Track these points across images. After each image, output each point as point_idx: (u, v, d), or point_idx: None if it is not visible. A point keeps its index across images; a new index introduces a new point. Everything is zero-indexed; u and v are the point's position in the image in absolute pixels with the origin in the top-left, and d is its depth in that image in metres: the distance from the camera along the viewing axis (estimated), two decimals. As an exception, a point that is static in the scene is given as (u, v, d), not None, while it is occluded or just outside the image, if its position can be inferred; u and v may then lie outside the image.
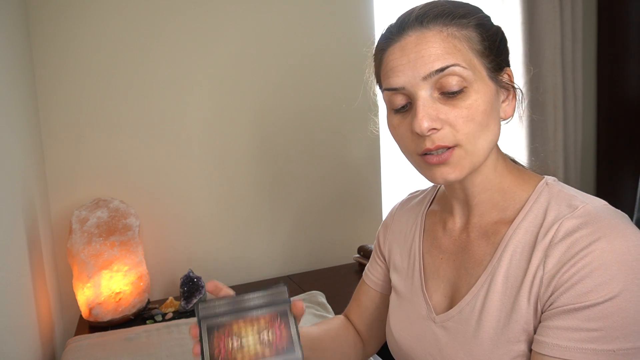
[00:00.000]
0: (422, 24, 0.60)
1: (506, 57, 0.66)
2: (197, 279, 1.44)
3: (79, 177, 1.50)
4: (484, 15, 0.64)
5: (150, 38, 1.54)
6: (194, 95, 1.62)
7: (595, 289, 0.52)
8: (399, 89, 0.62)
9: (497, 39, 0.63)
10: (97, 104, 1.50)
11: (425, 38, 0.60)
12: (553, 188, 0.64)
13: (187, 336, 1.22)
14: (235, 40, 1.66)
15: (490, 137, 0.62)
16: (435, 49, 0.59)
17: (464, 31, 0.60)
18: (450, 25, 0.60)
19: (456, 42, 0.59)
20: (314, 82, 1.79)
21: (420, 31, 0.60)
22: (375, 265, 0.87)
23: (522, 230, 0.62)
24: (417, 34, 0.60)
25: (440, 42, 0.59)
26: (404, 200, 0.87)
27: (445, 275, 0.71)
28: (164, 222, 1.61)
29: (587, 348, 0.52)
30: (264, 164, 1.75)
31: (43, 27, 1.42)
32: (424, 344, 0.69)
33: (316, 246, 1.86)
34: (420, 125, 0.59)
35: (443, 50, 0.59)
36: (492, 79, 0.62)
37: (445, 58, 0.58)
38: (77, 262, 1.32)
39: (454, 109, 0.59)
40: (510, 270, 0.61)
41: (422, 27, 0.60)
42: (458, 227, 0.72)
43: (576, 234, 0.56)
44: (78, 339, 1.24)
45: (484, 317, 0.61)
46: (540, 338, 0.56)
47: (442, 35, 0.59)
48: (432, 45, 0.59)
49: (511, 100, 0.66)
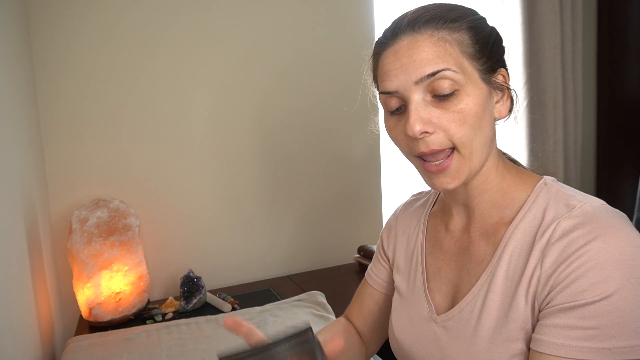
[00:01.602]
0: (414, 28, 0.61)
1: (500, 58, 0.66)
2: (197, 279, 1.44)
3: (79, 177, 1.50)
4: (477, 18, 0.64)
5: (150, 38, 1.55)
6: (194, 94, 1.63)
7: (590, 287, 0.53)
8: (392, 93, 0.63)
9: (490, 41, 0.64)
10: (97, 104, 1.50)
11: (417, 42, 0.61)
12: (551, 188, 0.64)
13: (187, 336, 1.23)
14: (235, 40, 1.66)
15: (484, 139, 0.62)
16: (426, 53, 0.60)
17: (455, 35, 0.61)
18: (442, 29, 0.61)
19: (447, 46, 0.60)
20: (315, 83, 1.79)
21: (412, 36, 0.61)
22: (378, 266, 0.88)
23: (521, 230, 0.62)
24: (410, 39, 0.61)
25: (431, 46, 0.60)
26: (408, 202, 0.88)
27: (447, 276, 0.71)
28: (164, 222, 1.61)
29: (583, 346, 0.53)
30: (263, 165, 1.75)
31: (43, 27, 1.43)
32: (425, 344, 0.70)
33: (316, 246, 1.86)
34: (413, 129, 0.60)
35: (434, 55, 0.60)
36: (484, 80, 0.62)
37: (437, 62, 0.59)
38: (77, 262, 1.32)
39: (446, 112, 0.60)
40: (510, 270, 0.62)
41: (414, 31, 0.61)
42: (459, 228, 0.72)
43: (573, 234, 0.56)
44: (78, 339, 1.24)
45: (483, 316, 0.62)
46: (538, 336, 0.56)
47: (433, 40, 0.60)
48: (424, 49, 0.60)
49: (505, 100, 0.66)
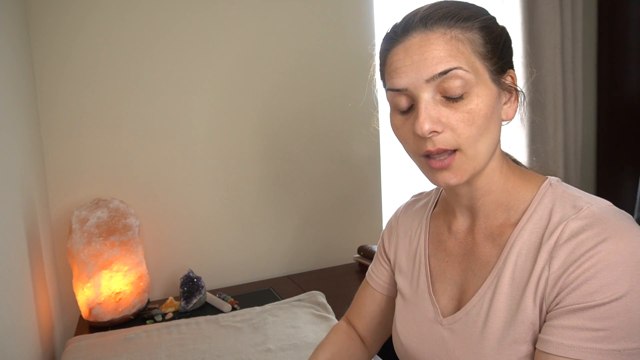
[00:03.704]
0: (427, 25, 0.60)
1: (509, 59, 0.66)
2: (197, 279, 1.44)
3: (79, 177, 1.50)
4: (489, 17, 0.63)
5: (150, 38, 1.54)
6: (195, 95, 1.62)
7: (601, 289, 0.53)
8: (402, 90, 0.62)
9: (501, 41, 0.63)
10: (97, 104, 1.50)
11: (429, 40, 0.60)
12: (557, 189, 0.64)
13: (187, 336, 1.23)
14: (237, 41, 1.66)
15: (490, 140, 0.62)
16: (438, 51, 0.59)
17: (468, 34, 0.60)
18: (454, 28, 0.60)
19: (459, 45, 0.59)
20: (316, 84, 1.79)
21: (424, 33, 0.60)
22: (379, 267, 0.86)
23: (527, 232, 0.62)
24: (421, 36, 0.60)
25: (443, 44, 0.59)
26: (408, 203, 0.87)
27: (452, 277, 0.71)
28: (164, 222, 1.61)
29: (592, 347, 0.52)
30: (263, 165, 1.75)
31: (43, 27, 1.42)
32: (431, 347, 0.69)
33: (316, 246, 1.86)
34: (422, 128, 0.59)
35: (446, 53, 0.59)
36: (494, 81, 0.62)
37: (448, 61, 0.58)
38: (77, 262, 1.32)
39: (455, 112, 0.59)
40: (516, 272, 0.61)
41: (426, 28, 0.60)
42: (463, 230, 0.72)
43: (581, 235, 0.56)
44: (78, 339, 1.24)
45: (490, 318, 0.62)
46: (545, 337, 0.56)
47: (445, 38, 0.59)
48: (436, 47, 0.59)
49: (513, 102, 0.66)
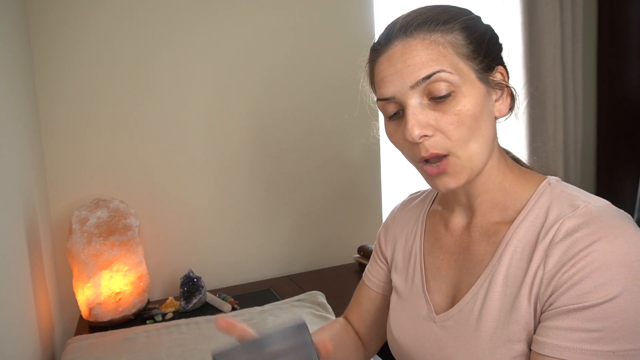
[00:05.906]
0: (407, 33, 0.61)
1: (497, 56, 0.65)
2: (197, 279, 1.44)
3: (79, 177, 1.50)
4: (470, 17, 0.64)
5: (149, 39, 1.54)
6: (193, 95, 1.62)
7: (595, 289, 0.52)
8: (390, 99, 0.63)
9: (485, 39, 0.63)
10: (97, 104, 1.50)
11: (410, 47, 0.60)
12: (555, 188, 0.63)
13: (187, 336, 1.23)
14: (233, 42, 1.66)
15: (482, 140, 0.62)
16: (420, 57, 0.60)
17: (448, 36, 0.61)
18: (434, 32, 0.60)
19: (440, 48, 0.60)
20: (314, 83, 1.79)
21: (405, 40, 0.61)
22: (375, 266, 0.87)
23: (523, 230, 0.62)
24: (403, 44, 0.61)
25: (424, 49, 0.60)
26: (405, 201, 0.87)
27: (446, 275, 0.71)
28: (164, 222, 1.61)
29: (586, 349, 0.52)
30: (264, 165, 1.75)
31: (43, 27, 1.42)
32: (424, 344, 0.69)
33: (316, 246, 1.86)
34: (412, 133, 0.60)
35: (427, 58, 0.59)
36: (481, 80, 0.62)
37: (431, 65, 0.59)
38: (77, 262, 1.32)
39: (444, 115, 0.60)
40: (511, 270, 0.61)
41: (407, 36, 0.61)
42: (460, 227, 0.72)
43: (577, 234, 0.55)
44: (78, 339, 1.24)
45: (483, 316, 0.61)
46: (540, 338, 0.56)
47: (425, 43, 0.60)
48: (417, 53, 0.60)
49: (505, 98, 0.66)
